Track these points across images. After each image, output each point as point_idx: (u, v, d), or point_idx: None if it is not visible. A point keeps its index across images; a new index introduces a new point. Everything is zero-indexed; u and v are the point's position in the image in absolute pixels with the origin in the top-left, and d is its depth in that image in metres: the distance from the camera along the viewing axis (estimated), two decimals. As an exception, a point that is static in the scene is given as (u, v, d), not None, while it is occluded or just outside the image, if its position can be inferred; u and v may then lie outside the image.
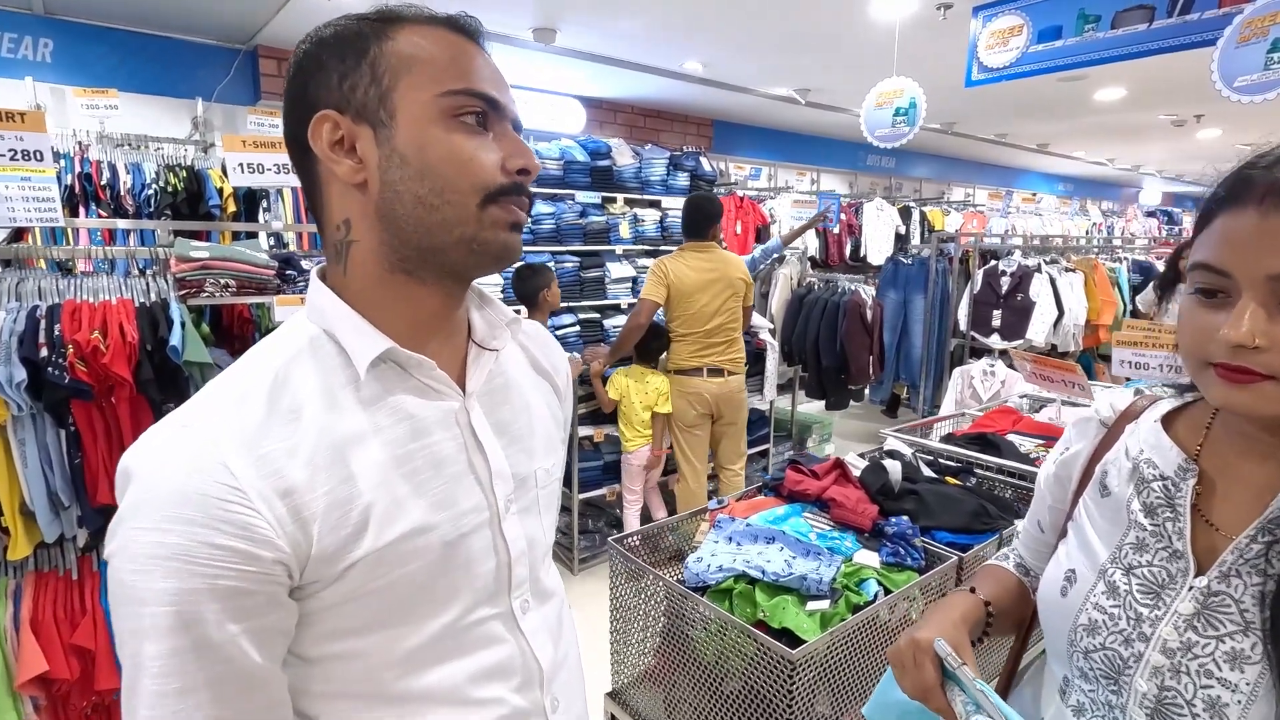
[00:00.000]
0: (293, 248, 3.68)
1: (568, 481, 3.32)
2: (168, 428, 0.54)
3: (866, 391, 5.62)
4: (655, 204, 5.52)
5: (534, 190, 4.83)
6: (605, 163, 5.09)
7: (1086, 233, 8.70)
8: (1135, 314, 5.04)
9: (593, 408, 3.28)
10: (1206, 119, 6.42)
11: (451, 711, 0.61)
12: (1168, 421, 0.73)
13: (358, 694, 0.59)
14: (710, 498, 3.05)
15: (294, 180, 2.56)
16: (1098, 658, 0.69)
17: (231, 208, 3.54)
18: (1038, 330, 4.47)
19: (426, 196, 0.58)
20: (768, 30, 3.85)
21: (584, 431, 3.32)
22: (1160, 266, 5.72)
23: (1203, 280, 0.61)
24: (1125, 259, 5.61)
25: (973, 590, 0.84)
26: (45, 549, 1.76)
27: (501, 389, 0.70)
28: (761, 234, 6.28)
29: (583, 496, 3.36)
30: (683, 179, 5.59)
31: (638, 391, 3.15)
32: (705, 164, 5.80)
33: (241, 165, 2.33)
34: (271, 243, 3.67)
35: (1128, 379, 2.63)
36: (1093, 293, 4.86)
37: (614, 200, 5.25)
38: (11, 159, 1.81)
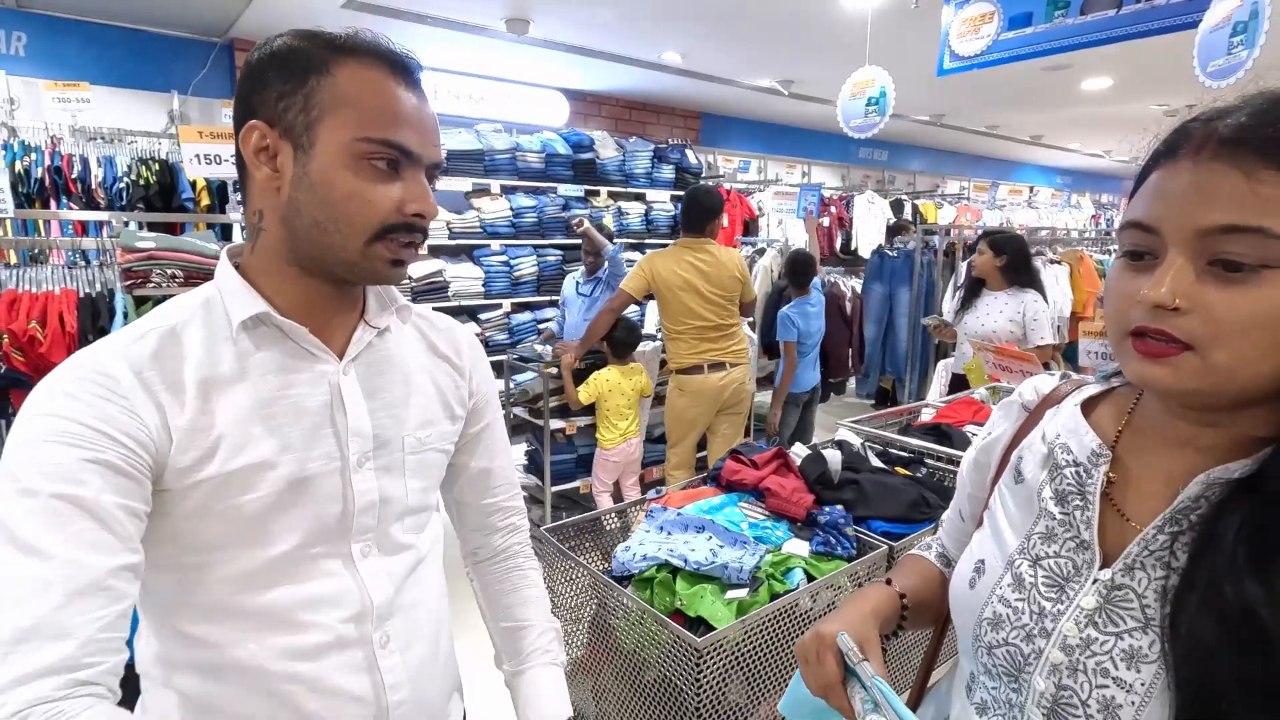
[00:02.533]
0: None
1: (540, 473, 3.31)
2: (77, 353, 0.65)
3: (853, 384, 5.60)
4: (640, 197, 5.51)
5: (516, 184, 4.83)
6: (588, 155, 5.07)
7: (1082, 226, 8.65)
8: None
9: (564, 401, 3.26)
10: (1199, 109, 6.35)
11: (283, 630, 0.69)
12: (1089, 406, 0.69)
13: (200, 604, 0.67)
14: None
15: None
16: (1000, 654, 0.65)
17: (205, 200, 3.54)
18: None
19: (323, 222, 0.67)
20: (742, 19, 3.82)
21: (556, 425, 3.31)
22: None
23: (1130, 240, 0.57)
24: (1115, 250, 5.56)
25: (889, 582, 0.81)
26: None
27: (381, 361, 0.77)
28: (750, 227, 6.26)
29: (555, 489, 3.35)
30: (668, 172, 5.57)
31: (629, 384, 3.11)
32: (691, 157, 5.78)
33: (198, 156, 2.32)
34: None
35: (1099, 371, 2.62)
36: (1079, 284, 4.82)
37: (597, 193, 5.23)
38: (-45, 149, 1.80)
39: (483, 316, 4.65)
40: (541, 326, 4.63)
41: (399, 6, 3.61)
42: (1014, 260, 2.98)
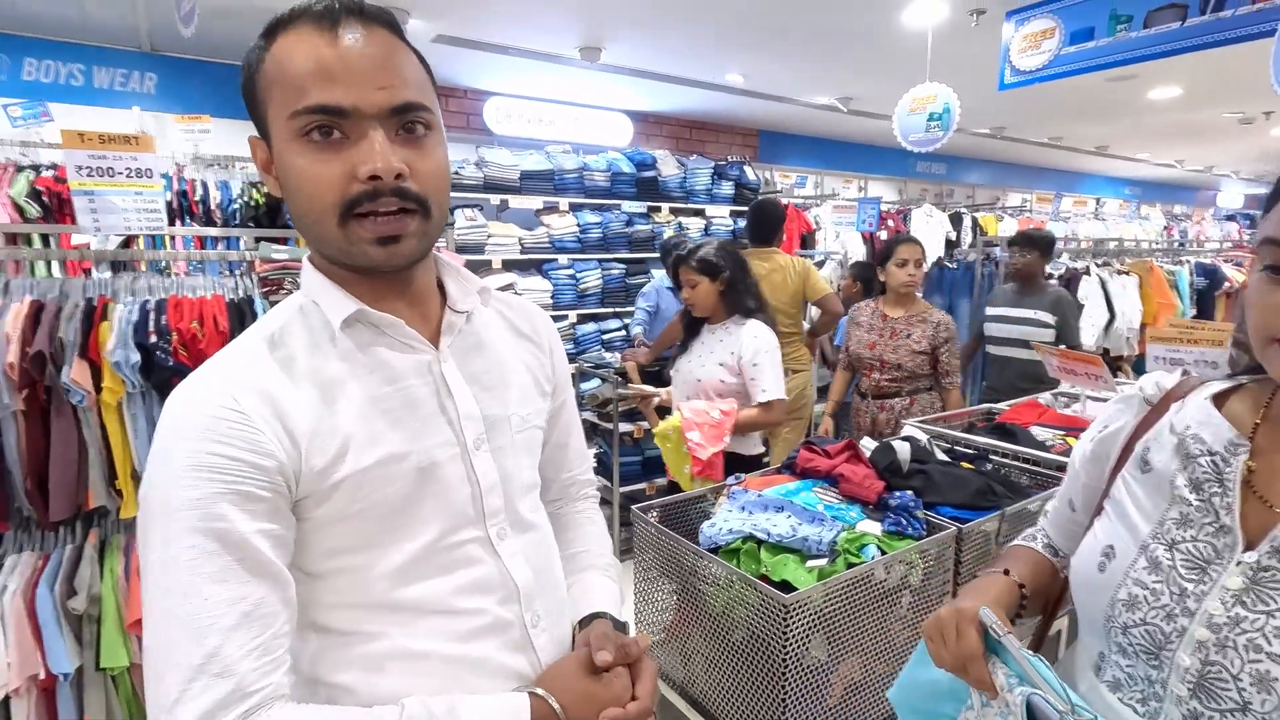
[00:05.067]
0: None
1: (608, 475, 3.48)
2: (187, 379, 0.66)
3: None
4: (700, 212, 5.68)
5: (583, 201, 5.07)
6: (650, 173, 5.27)
7: (1153, 238, 8.40)
8: (1198, 317, 4.89)
9: (632, 406, 3.43)
10: (1278, 116, 6.16)
11: (441, 619, 0.70)
12: (1219, 401, 0.72)
13: (358, 604, 0.68)
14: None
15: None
16: (1137, 633, 0.68)
17: (306, 220, 3.88)
18: (1087, 333, 4.39)
19: (302, 216, 0.66)
20: (804, 39, 3.97)
21: (624, 428, 3.48)
22: (1227, 270, 5.51)
23: (1270, 256, 0.61)
24: (1187, 262, 5.43)
25: (1006, 572, 0.84)
26: (150, 511, 2.03)
27: (475, 346, 0.78)
28: (806, 240, 6.35)
29: (624, 490, 3.51)
30: (727, 188, 5.72)
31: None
32: (749, 173, 5.92)
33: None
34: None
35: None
36: (1148, 296, 4.74)
37: (659, 209, 5.43)
38: (127, 176, 2.10)
39: (550, 327, 4.87)
40: (606, 337, 4.84)
41: (485, 39, 3.90)
42: (734, 281, 2.23)
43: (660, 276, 4.01)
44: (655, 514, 1.65)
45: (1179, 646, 0.65)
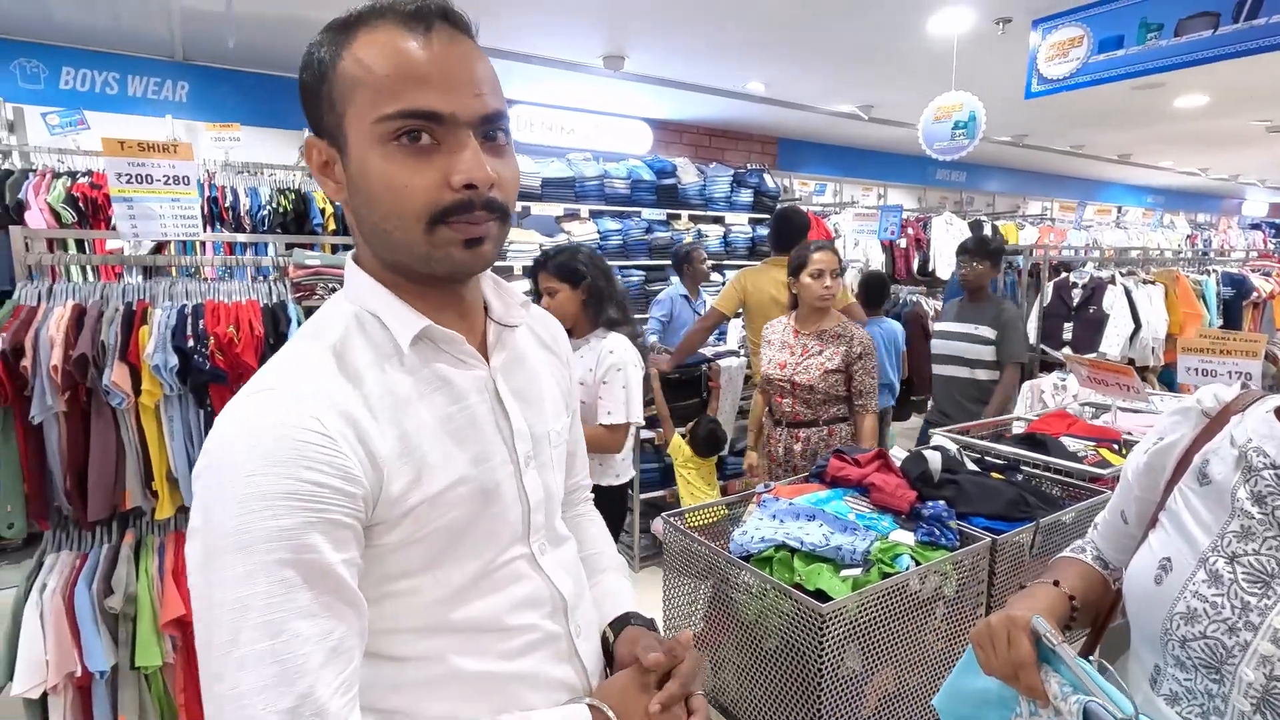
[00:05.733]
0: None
1: (629, 482, 3.48)
2: (256, 392, 0.60)
3: (931, 404, 5.55)
4: (719, 220, 5.69)
5: (603, 208, 5.10)
6: (670, 181, 5.30)
7: (1177, 246, 8.29)
8: (1225, 327, 4.82)
9: (653, 412, 3.44)
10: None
11: (497, 637, 0.69)
12: None
13: (413, 628, 0.66)
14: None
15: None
16: (1197, 646, 0.67)
17: (332, 225, 3.93)
18: (1112, 343, 4.34)
19: (379, 222, 0.63)
20: (827, 48, 3.97)
21: (645, 434, 3.48)
22: (1255, 280, 5.43)
23: None
24: (1214, 271, 5.36)
25: (1055, 583, 0.83)
26: (185, 511, 2.06)
27: (516, 361, 0.77)
28: (825, 249, 6.34)
29: (644, 497, 3.51)
30: (746, 196, 5.74)
31: (704, 475, 3.28)
32: (769, 180, 5.93)
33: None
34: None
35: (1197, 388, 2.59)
36: (1175, 306, 4.68)
37: (678, 217, 5.45)
38: (165, 183, 2.15)
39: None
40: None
41: (510, 48, 3.94)
42: (596, 289, 2.08)
43: (675, 284, 4.02)
44: (683, 521, 1.65)
45: (1242, 661, 0.64)
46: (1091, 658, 0.69)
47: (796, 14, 3.40)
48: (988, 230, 7.21)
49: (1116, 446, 2.03)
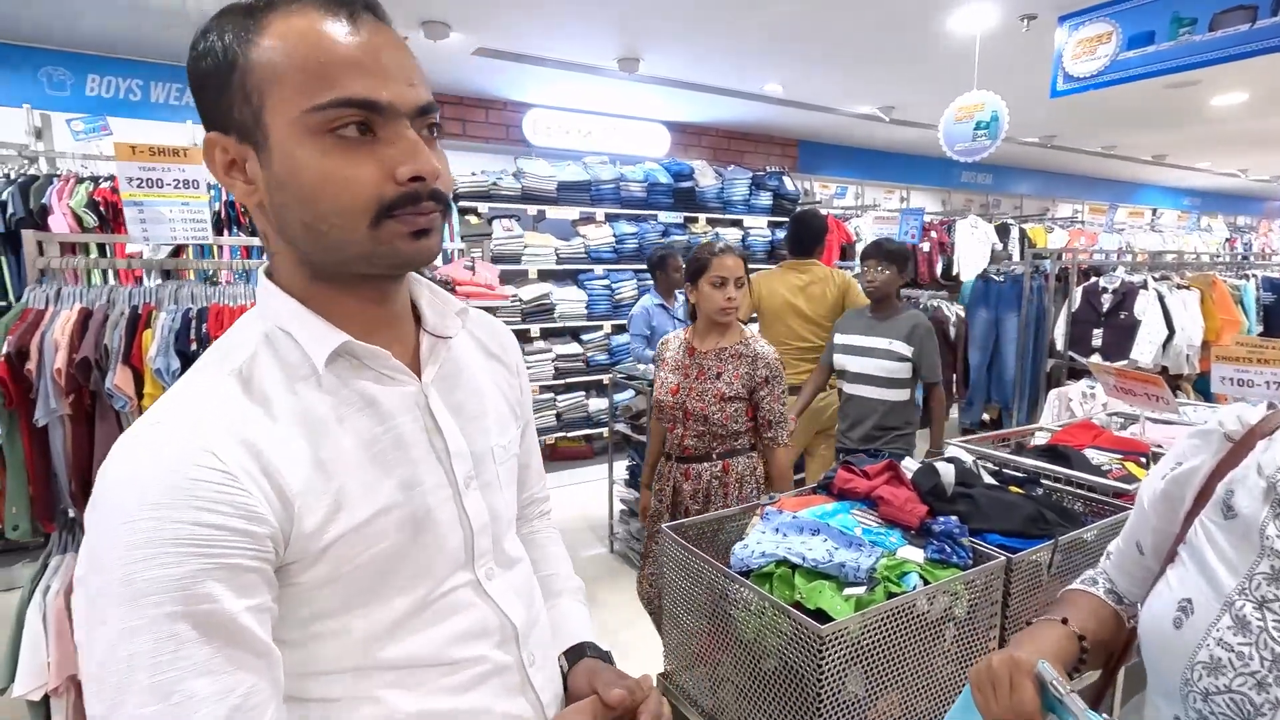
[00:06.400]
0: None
1: (639, 488, 3.43)
2: (140, 430, 0.54)
3: (955, 413, 5.42)
4: (737, 223, 5.63)
5: (620, 211, 5.07)
6: (688, 184, 5.26)
7: (1215, 250, 8.02)
8: (1265, 335, 4.63)
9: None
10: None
11: (440, 671, 0.64)
12: None
13: (348, 668, 0.60)
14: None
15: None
16: (1222, 701, 0.61)
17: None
18: (1144, 350, 4.19)
19: (312, 223, 0.57)
20: (845, 48, 3.90)
21: (658, 440, 3.43)
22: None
23: None
24: (1254, 276, 5.16)
25: (1064, 621, 0.77)
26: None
27: (454, 374, 0.71)
28: (846, 252, 6.24)
29: (655, 503, 3.46)
30: (765, 199, 5.67)
31: None
32: (788, 183, 5.86)
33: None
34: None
35: (1235, 401, 2.47)
36: (1211, 311, 4.51)
37: (696, 220, 5.40)
38: (175, 187, 2.16)
39: (585, 337, 4.87)
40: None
41: (523, 51, 3.93)
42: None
43: (646, 298, 3.83)
44: (686, 533, 1.60)
45: (1273, 719, 0.58)
46: (1103, 715, 0.62)
47: (812, 14, 3.34)
48: (1014, 234, 7.05)
49: (1144, 460, 1.93)
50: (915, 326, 2.68)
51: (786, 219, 5.22)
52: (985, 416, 5.22)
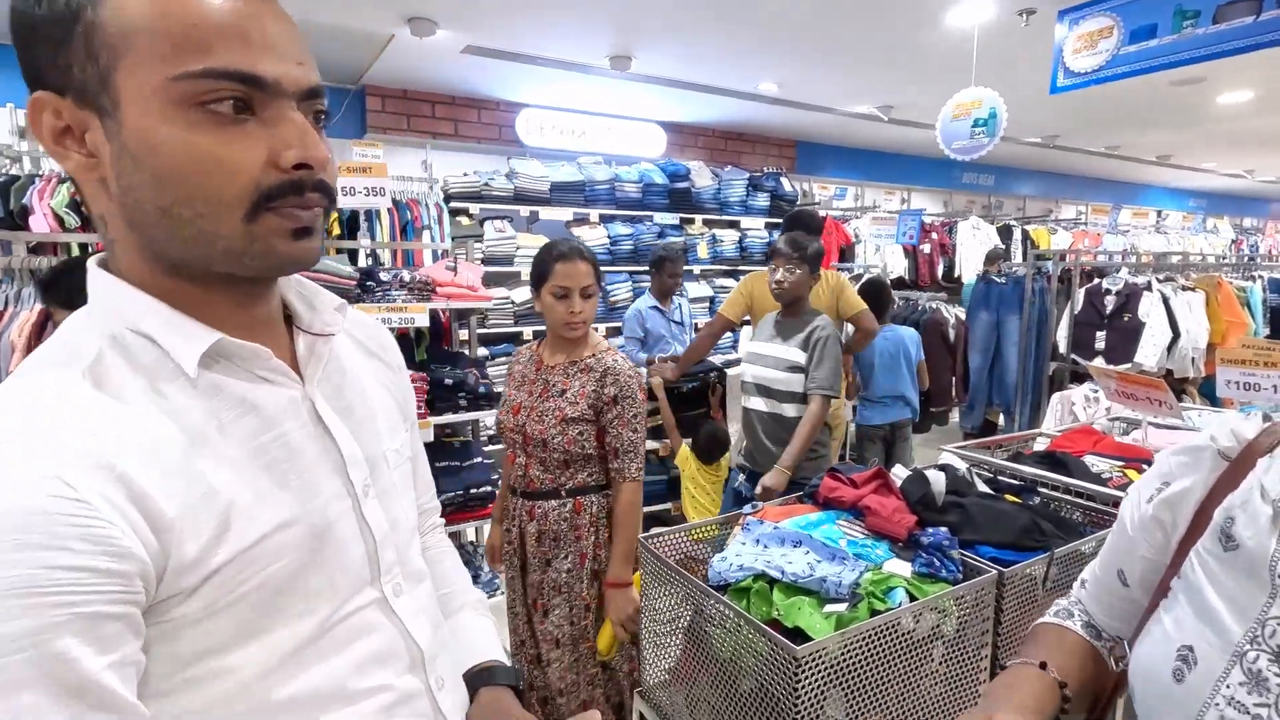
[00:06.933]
0: (388, 264, 4.00)
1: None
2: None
3: (955, 417, 5.34)
4: (734, 224, 5.56)
5: (614, 213, 5.00)
6: (684, 185, 5.19)
7: (1221, 252, 7.92)
8: (1272, 337, 4.54)
9: (658, 423, 3.32)
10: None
11: (341, 704, 0.57)
12: None
13: (238, 714, 0.52)
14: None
15: (385, 201, 2.80)
16: None
17: (335, 230, 3.89)
18: (1148, 353, 4.11)
19: (171, 208, 0.49)
20: (842, 46, 3.83)
21: (650, 445, 3.36)
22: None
23: None
24: (1260, 277, 5.06)
25: (1043, 666, 0.70)
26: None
27: (338, 374, 0.65)
28: (845, 254, 6.16)
29: (647, 509, 3.39)
30: (762, 200, 5.59)
31: (709, 480, 3.14)
32: (786, 184, 5.78)
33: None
34: (370, 259, 4.00)
35: (1242, 405, 2.39)
36: (1216, 314, 4.42)
37: (692, 221, 5.33)
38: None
39: (579, 340, 4.81)
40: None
41: (513, 49, 3.88)
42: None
43: (641, 300, 3.74)
44: (665, 543, 1.53)
45: None
46: None
47: (805, 11, 3.28)
48: (1017, 235, 6.96)
49: (1146, 467, 1.85)
50: (813, 331, 2.39)
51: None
52: (990, 420, 5.14)
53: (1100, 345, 4.30)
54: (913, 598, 1.28)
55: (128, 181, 0.50)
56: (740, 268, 5.45)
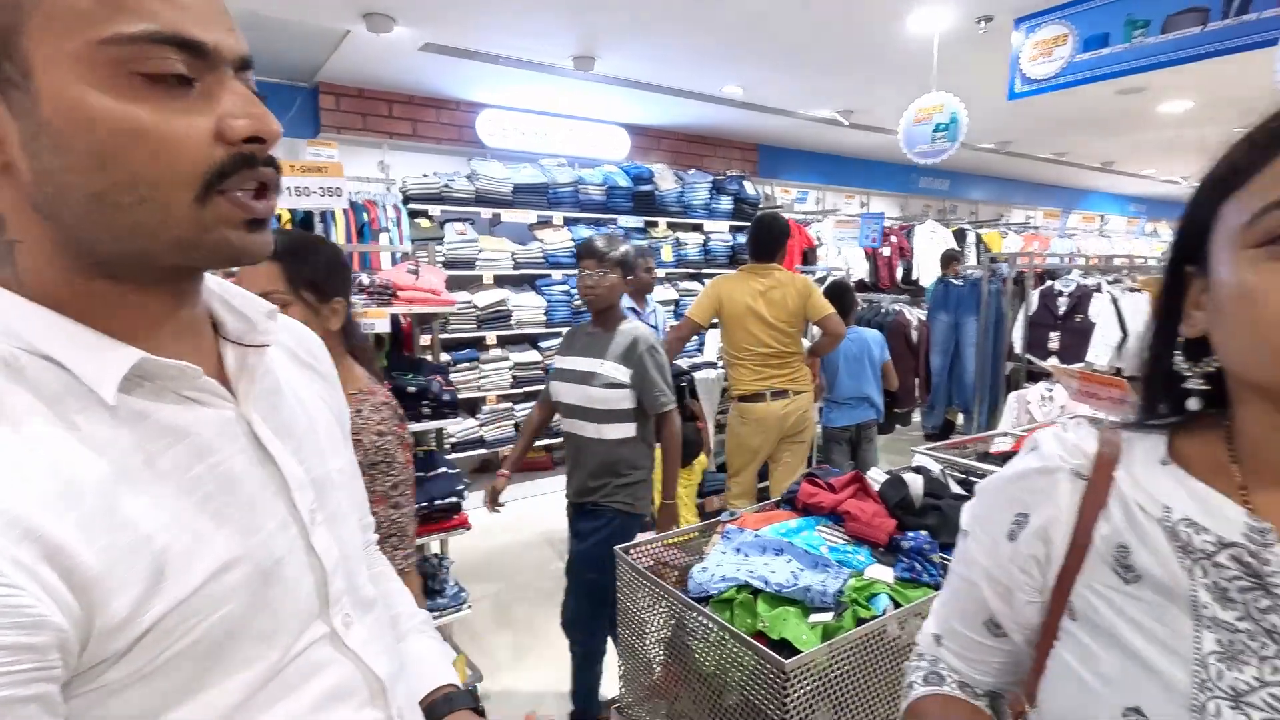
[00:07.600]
0: (344, 270, 3.86)
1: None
2: None
3: (917, 417, 5.43)
4: (698, 227, 5.56)
5: (578, 215, 4.95)
6: (647, 187, 5.17)
7: (1160, 255, 8.26)
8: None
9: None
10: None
11: None
12: (1175, 459, 0.55)
13: None
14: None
15: (342, 202, 2.69)
16: None
17: (288, 228, 3.74)
18: (1099, 352, 4.24)
19: (107, 194, 0.43)
20: (804, 50, 3.86)
21: (618, 450, 3.31)
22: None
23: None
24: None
25: None
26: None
27: (273, 390, 0.59)
28: (808, 256, 6.22)
29: (616, 516, 3.34)
30: (726, 203, 5.61)
31: (681, 484, 3.10)
32: (749, 187, 5.82)
33: (288, 189, 2.46)
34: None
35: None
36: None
37: (656, 224, 5.31)
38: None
39: (543, 344, 4.73)
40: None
41: (473, 48, 3.79)
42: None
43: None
44: (643, 553, 1.49)
45: None
46: None
47: (770, 13, 3.28)
48: (971, 239, 7.14)
49: (1111, 465, 1.89)
50: (634, 343, 2.09)
51: (748, 223, 5.18)
52: (949, 419, 5.24)
53: (1054, 345, 4.43)
54: (896, 603, 1.27)
55: (49, 164, 0.43)
56: (704, 271, 5.46)
